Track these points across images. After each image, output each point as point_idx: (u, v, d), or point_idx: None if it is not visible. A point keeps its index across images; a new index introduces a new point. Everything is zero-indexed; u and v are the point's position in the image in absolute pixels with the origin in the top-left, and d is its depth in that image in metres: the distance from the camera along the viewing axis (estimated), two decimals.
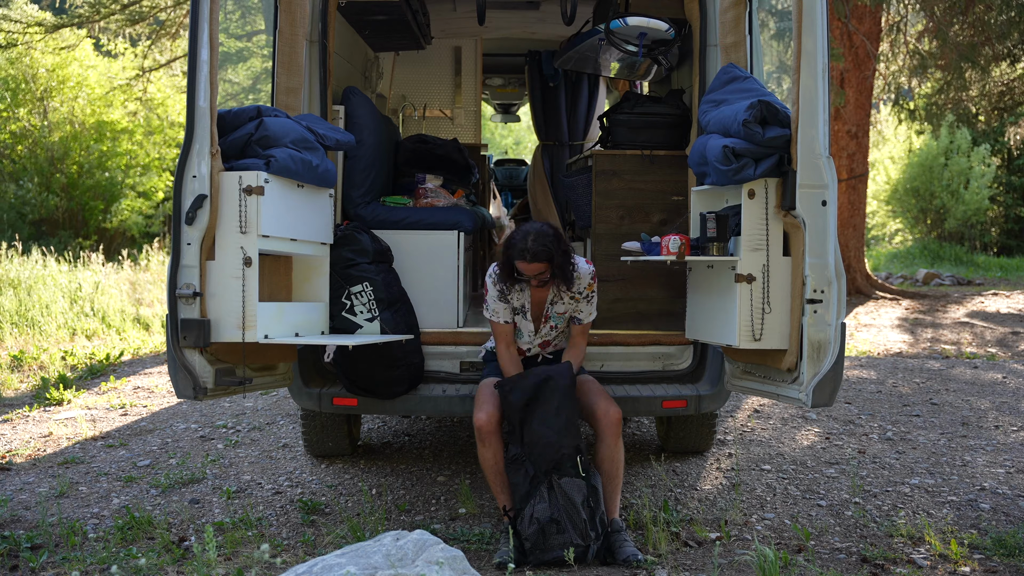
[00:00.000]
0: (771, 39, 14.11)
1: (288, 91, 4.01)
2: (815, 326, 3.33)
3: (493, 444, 3.63)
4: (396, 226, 4.42)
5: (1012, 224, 21.16)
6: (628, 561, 3.45)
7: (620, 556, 3.48)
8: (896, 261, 19.42)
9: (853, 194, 12.66)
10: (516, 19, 6.06)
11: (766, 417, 5.99)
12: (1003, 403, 6.40)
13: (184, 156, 3.32)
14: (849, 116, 12.32)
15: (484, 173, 6.55)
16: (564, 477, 3.52)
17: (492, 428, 3.63)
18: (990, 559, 3.58)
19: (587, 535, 3.47)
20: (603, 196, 4.50)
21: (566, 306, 3.91)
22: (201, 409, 6.27)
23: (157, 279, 11.99)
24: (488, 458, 3.64)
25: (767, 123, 3.42)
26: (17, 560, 3.56)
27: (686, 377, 4.21)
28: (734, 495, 4.37)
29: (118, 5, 12.73)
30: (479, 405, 3.69)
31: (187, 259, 3.34)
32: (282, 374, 3.90)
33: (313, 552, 3.65)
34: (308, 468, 4.85)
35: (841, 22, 11.54)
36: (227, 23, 23.45)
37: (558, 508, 3.48)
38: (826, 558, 3.60)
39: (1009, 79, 14.21)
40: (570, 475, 3.52)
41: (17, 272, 10.18)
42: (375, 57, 5.81)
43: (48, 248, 12.06)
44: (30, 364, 7.73)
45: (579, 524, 3.46)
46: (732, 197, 3.69)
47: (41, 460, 5.07)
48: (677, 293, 4.33)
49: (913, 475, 4.73)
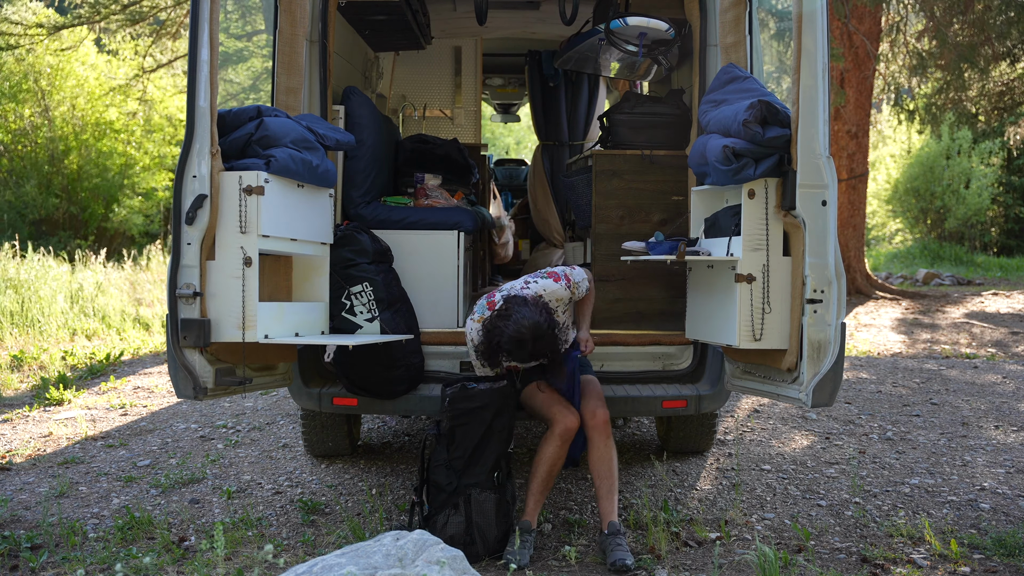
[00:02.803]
0: (771, 39, 14.10)
1: (288, 91, 4.01)
2: (815, 326, 3.33)
3: (564, 448, 3.68)
4: (396, 226, 4.42)
5: (1012, 224, 21.16)
6: (615, 565, 3.43)
7: (609, 560, 3.47)
8: (896, 261, 19.42)
9: (853, 194, 12.66)
10: (516, 19, 6.06)
11: (766, 417, 5.99)
12: (1003, 403, 6.40)
13: (184, 156, 3.32)
14: (849, 116, 12.32)
15: (484, 173, 6.54)
16: (484, 491, 3.61)
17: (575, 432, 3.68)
18: (990, 559, 3.58)
19: (494, 549, 3.58)
20: (603, 196, 4.50)
21: (562, 319, 3.91)
22: (201, 409, 6.27)
23: (157, 279, 11.99)
24: (555, 458, 3.67)
25: (767, 123, 3.42)
26: (17, 560, 3.56)
27: (686, 377, 4.21)
28: (734, 495, 4.37)
29: (118, 5, 12.73)
30: (566, 409, 3.69)
31: (187, 259, 3.34)
32: (282, 374, 3.90)
33: (313, 552, 3.65)
34: (308, 468, 4.85)
35: (841, 22, 11.54)
36: (227, 23, 23.45)
37: (470, 522, 3.58)
38: (826, 558, 3.61)
39: (1009, 79, 14.20)
40: (486, 487, 3.61)
41: (16, 272, 10.17)
42: (375, 57, 5.81)
43: (47, 248, 12.05)
44: (30, 364, 7.73)
45: (489, 539, 3.59)
46: (732, 197, 3.69)
47: (41, 460, 5.07)
48: (677, 293, 4.33)
49: (913, 475, 4.73)
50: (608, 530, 3.58)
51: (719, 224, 3.76)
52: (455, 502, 3.61)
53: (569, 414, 3.68)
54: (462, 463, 3.63)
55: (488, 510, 3.60)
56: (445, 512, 3.61)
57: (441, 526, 3.60)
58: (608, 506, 3.64)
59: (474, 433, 3.63)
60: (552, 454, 3.66)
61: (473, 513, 3.58)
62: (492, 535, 3.59)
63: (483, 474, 3.63)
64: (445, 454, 3.67)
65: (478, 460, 3.63)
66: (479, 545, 3.58)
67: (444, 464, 3.67)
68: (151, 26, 13.50)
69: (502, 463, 3.70)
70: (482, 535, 3.58)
